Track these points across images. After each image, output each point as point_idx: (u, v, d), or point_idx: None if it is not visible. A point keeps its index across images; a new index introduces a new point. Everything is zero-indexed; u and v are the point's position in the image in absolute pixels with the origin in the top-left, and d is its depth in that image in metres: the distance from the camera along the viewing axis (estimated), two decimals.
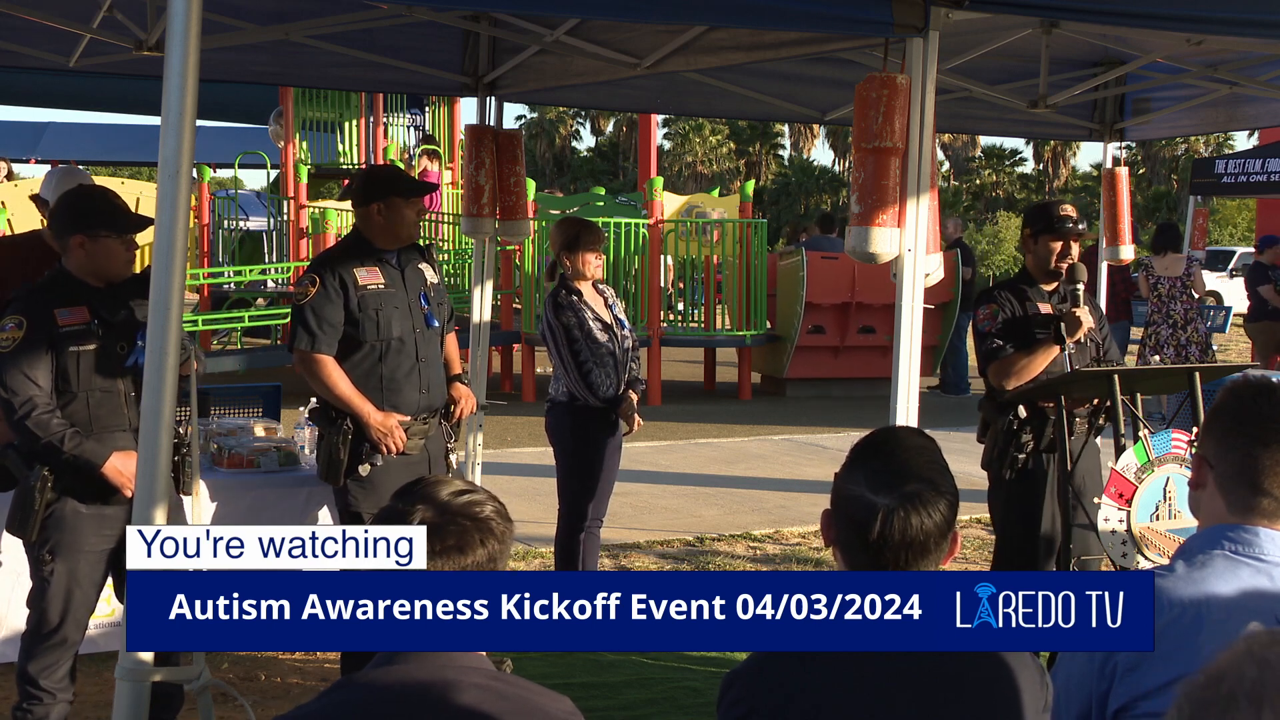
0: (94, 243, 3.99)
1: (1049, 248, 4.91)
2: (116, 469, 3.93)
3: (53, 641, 3.99)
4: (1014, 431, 4.79)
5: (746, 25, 4.40)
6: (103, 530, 4.01)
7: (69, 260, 4.04)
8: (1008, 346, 4.80)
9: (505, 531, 1.90)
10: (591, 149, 65.76)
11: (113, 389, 4.00)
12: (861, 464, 2.07)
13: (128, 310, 4.04)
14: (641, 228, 13.81)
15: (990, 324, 4.87)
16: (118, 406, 4.01)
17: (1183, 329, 11.75)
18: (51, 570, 3.97)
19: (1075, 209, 5.06)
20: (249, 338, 15.42)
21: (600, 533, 5.88)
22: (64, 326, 3.94)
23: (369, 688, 1.83)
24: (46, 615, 3.99)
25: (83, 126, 27.62)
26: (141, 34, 4.85)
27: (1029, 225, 5.05)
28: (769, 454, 10.83)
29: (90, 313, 3.98)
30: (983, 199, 57.80)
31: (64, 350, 3.93)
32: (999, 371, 4.82)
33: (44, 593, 3.99)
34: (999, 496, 4.92)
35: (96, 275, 4.02)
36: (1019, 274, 5.12)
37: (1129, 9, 3.82)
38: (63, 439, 3.88)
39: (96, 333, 3.97)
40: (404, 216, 4.68)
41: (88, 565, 4.01)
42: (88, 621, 4.11)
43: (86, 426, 3.95)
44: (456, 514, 1.86)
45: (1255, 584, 2.13)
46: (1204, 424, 2.26)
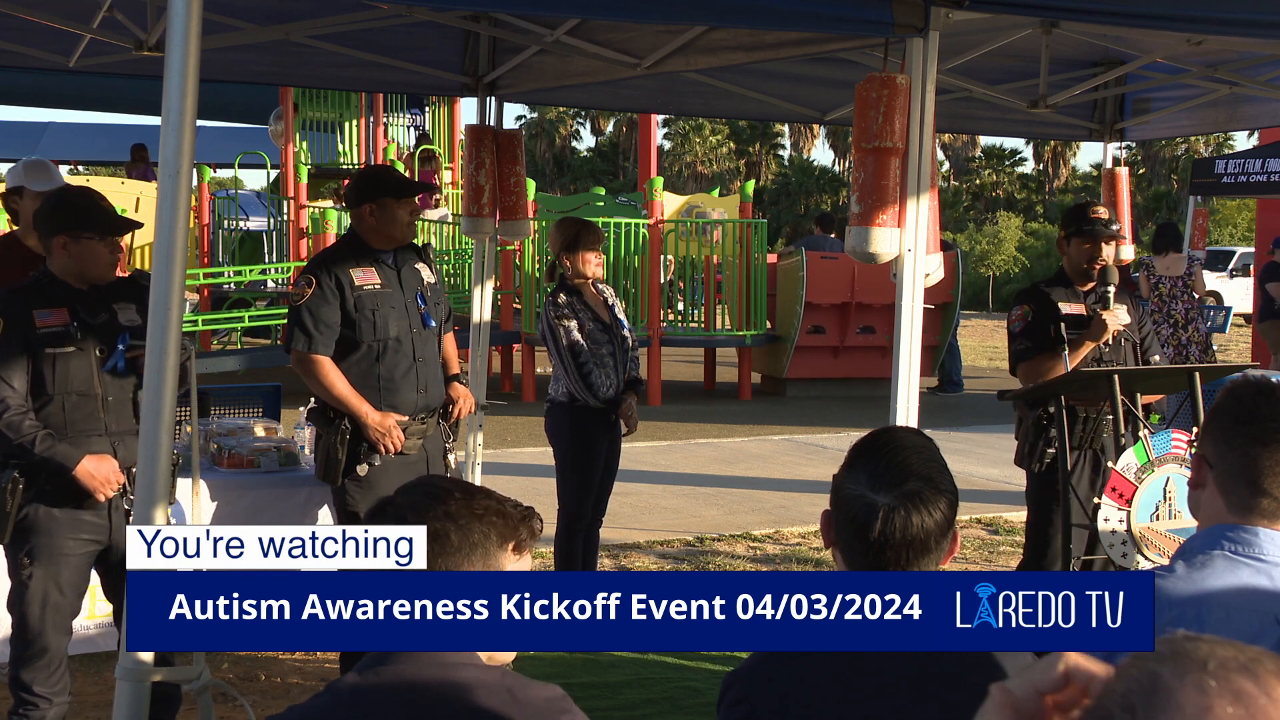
0: (76, 244, 3.95)
1: (1081, 249, 4.96)
2: (89, 472, 3.89)
3: (36, 648, 3.95)
4: (1043, 427, 4.83)
5: (746, 25, 4.40)
6: (79, 534, 3.97)
7: (52, 262, 4.00)
8: (1035, 347, 4.84)
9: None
10: (591, 149, 65.75)
11: (90, 393, 3.95)
12: (861, 464, 2.07)
13: (109, 313, 4.00)
14: (641, 228, 13.81)
15: (1021, 324, 4.93)
16: (94, 411, 3.96)
17: (1183, 329, 11.75)
18: (30, 575, 3.93)
19: (1108, 211, 5.10)
20: (249, 338, 15.42)
21: (600, 533, 5.88)
22: (42, 328, 3.90)
23: (360, 687, 1.84)
24: (27, 620, 3.94)
25: (83, 126, 27.63)
26: (141, 34, 4.85)
27: (1064, 227, 5.13)
28: (769, 454, 10.83)
29: (71, 315, 3.93)
30: (983, 199, 57.78)
31: (40, 352, 3.89)
32: (1028, 373, 4.86)
33: (23, 597, 3.95)
34: (1031, 491, 4.95)
35: (79, 277, 3.98)
36: (1057, 274, 5.17)
37: (1129, 9, 3.83)
38: (34, 441, 3.83)
39: (75, 336, 3.92)
40: (396, 217, 4.67)
41: (68, 569, 3.97)
42: (71, 625, 4.07)
43: (61, 430, 3.90)
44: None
45: (1255, 584, 2.13)
46: (1204, 424, 2.26)
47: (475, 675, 1.85)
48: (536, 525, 1.98)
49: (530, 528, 1.95)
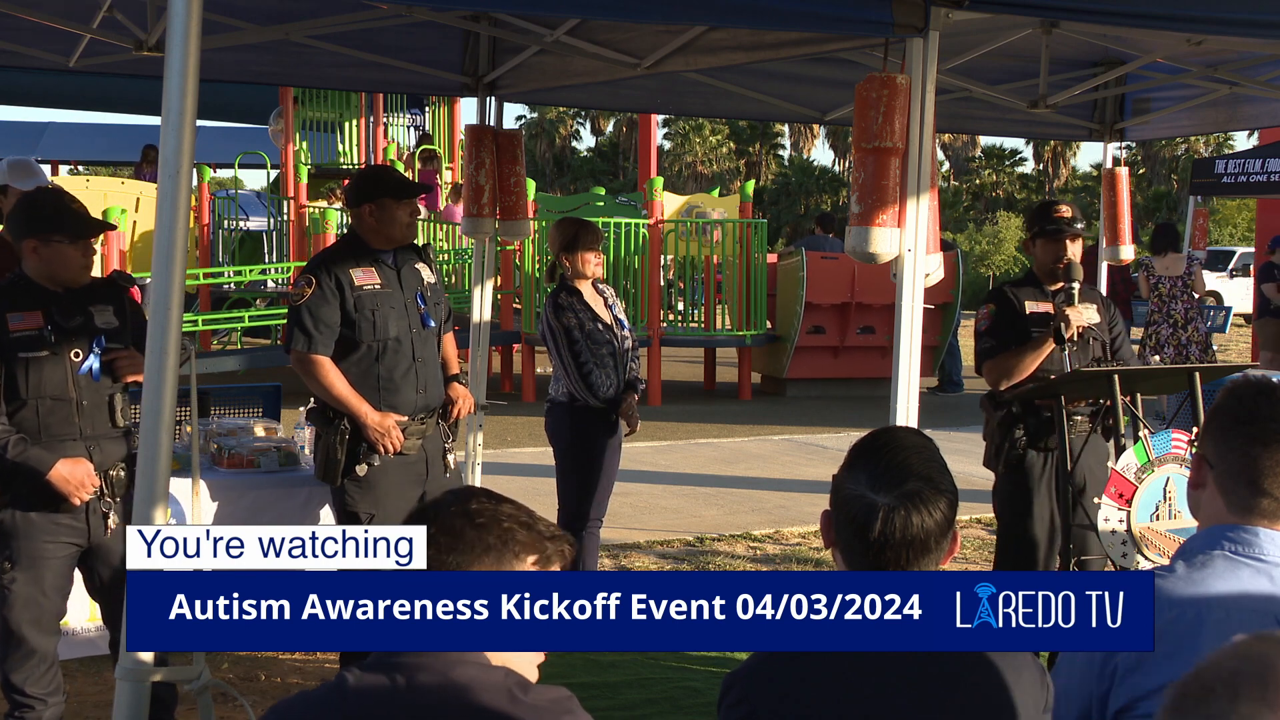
0: (46, 247, 3.91)
1: (1047, 249, 4.95)
2: (63, 476, 3.86)
3: (23, 650, 3.94)
4: (1007, 426, 4.82)
5: (746, 25, 4.40)
6: (59, 537, 3.95)
7: (26, 264, 3.97)
8: (1000, 345, 4.83)
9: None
10: (591, 149, 65.73)
11: (65, 396, 3.92)
12: (861, 464, 2.07)
13: (85, 315, 3.97)
14: (641, 228, 13.81)
15: (987, 323, 4.92)
16: (69, 415, 3.93)
17: (1183, 329, 11.75)
18: (12, 579, 3.91)
19: (1073, 208, 5.09)
20: (249, 338, 15.42)
21: (600, 533, 5.88)
22: (14, 332, 3.86)
23: (361, 686, 1.83)
24: (10, 624, 3.93)
25: (83, 126, 27.62)
26: (141, 34, 4.85)
27: (1028, 227, 5.11)
28: (769, 454, 10.83)
29: (45, 318, 3.89)
30: (983, 199, 57.76)
31: (13, 356, 3.86)
32: (992, 370, 4.85)
33: (6, 601, 3.93)
34: (997, 492, 4.95)
35: (51, 280, 3.95)
36: (1025, 274, 5.16)
37: (1129, 9, 3.82)
38: (5, 446, 3.80)
39: (49, 339, 3.89)
40: (395, 217, 4.67)
41: (49, 572, 3.95)
42: (58, 626, 4.05)
43: (36, 435, 3.87)
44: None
45: (1255, 584, 2.13)
46: (1204, 424, 2.26)
47: (477, 675, 1.85)
48: (566, 548, 1.91)
49: (560, 549, 1.89)
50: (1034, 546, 4.83)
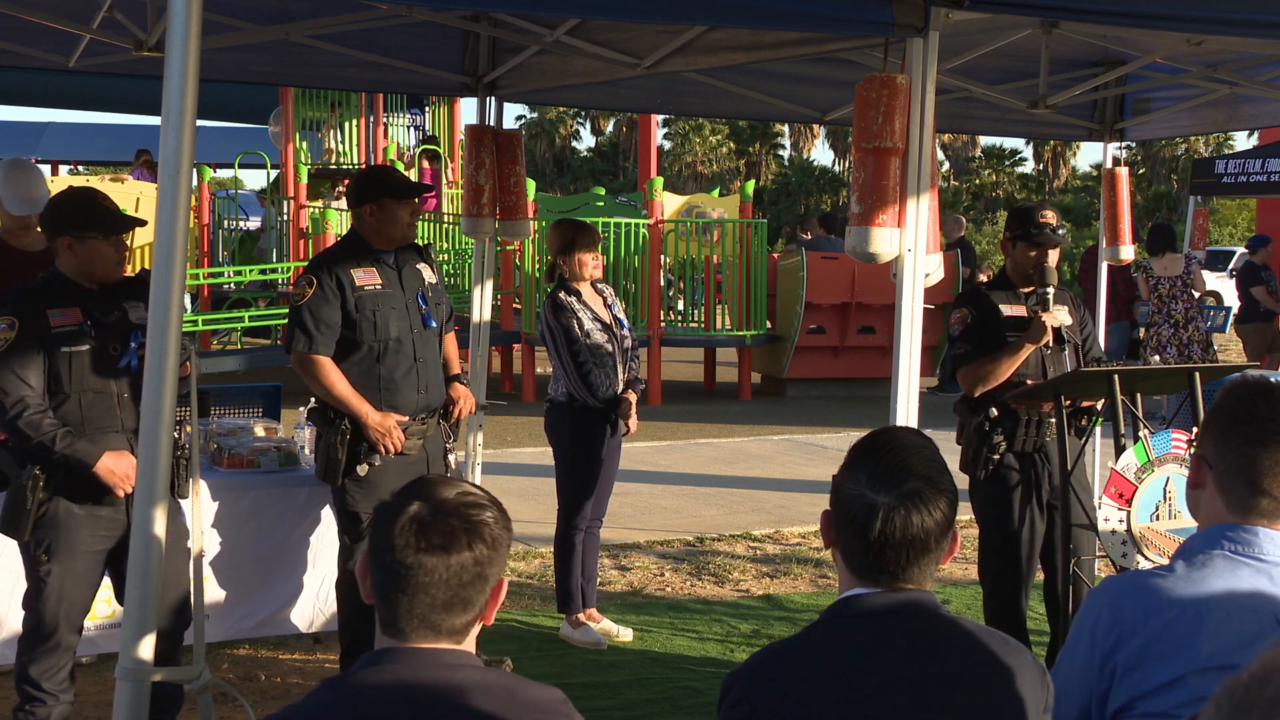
0: (81, 244, 3.99)
1: (1026, 254, 4.88)
2: (109, 468, 3.93)
3: (49, 644, 3.99)
4: (986, 433, 4.79)
5: (746, 25, 4.40)
6: (97, 531, 4.02)
7: (60, 262, 4.04)
8: (975, 350, 4.78)
9: (498, 538, 1.88)
10: (591, 149, 65.71)
11: (105, 390, 4.00)
12: (861, 464, 2.07)
13: (121, 311, 4.04)
14: (641, 228, 13.81)
15: (960, 327, 4.85)
16: (110, 408, 4.01)
17: (1184, 328, 11.75)
18: (48, 571, 3.97)
19: (1056, 214, 5.00)
20: (249, 338, 15.42)
21: (600, 532, 5.88)
22: (56, 327, 3.94)
23: (358, 687, 1.83)
24: (42, 617, 3.99)
25: (83, 126, 27.64)
26: (141, 34, 4.85)
27: (1008, 229, 5.02)
28: (769, 454, 10.83)
29: (83, 314, 3.98)
30: (983, 199, 57.74)
31: (56, 351, 3.93)
32: (967, 376, 4.81)
33: (40, 593, 3.99)
34: (976, 498, 4.92)
35: (87, 277, 4.03)
36: (997, 276, 5.10)
37: (1129, 9, 3.82)
38: (54, 439, 3.88)
39: (89, 334, 3.97)
40: (396, 217, 4.67)
41: (84, 566, 4.01)
42: (83, 623, 4.11)
43: (79, 427, 3.95)
44: (449, 513, 1.85)
45: (1255, 584, 2.13)
46: (1203, 424, 2.26)
47: (474, 676, 1.85)
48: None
49: None
50: (1017, 548, 4.82)
